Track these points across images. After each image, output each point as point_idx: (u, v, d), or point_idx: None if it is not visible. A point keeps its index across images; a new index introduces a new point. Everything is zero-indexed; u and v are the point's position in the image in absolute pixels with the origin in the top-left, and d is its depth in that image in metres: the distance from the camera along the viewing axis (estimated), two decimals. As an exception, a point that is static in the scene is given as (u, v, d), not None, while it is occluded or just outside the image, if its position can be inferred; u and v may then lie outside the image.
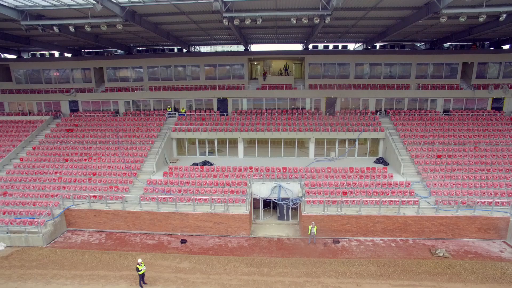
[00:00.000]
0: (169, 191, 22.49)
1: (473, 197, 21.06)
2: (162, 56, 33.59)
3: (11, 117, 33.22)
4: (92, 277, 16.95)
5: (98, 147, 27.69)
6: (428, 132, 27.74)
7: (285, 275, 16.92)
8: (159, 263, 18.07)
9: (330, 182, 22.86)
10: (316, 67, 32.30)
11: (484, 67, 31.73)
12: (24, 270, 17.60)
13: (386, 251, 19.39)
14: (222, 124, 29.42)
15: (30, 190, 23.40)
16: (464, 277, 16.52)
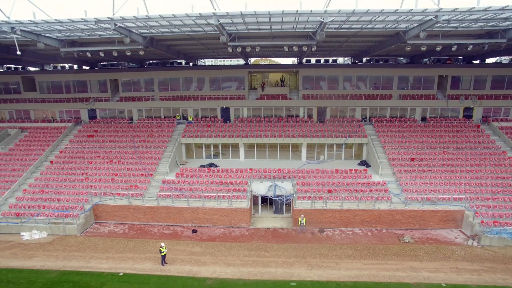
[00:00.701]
0: (182, 189, 26.51)
1: (437, 194, 25.06)
2: (171, 69, 37.58)
3: (37, 124, 37.18)
4: (122, 258, 20.95)
5: (117, 151, 31.69)
6: (405, 138, 31.76)
7: (278, 257, 20.92)
8: (175, 248, 22.03)
9: (318, 181, 26.90)
10: (309, 79, 36.32)
11: (457, 79, 35.79)
12: (67, 252, 21.61)
13: (363, 238, 23.41)
14: (225, 131, 33.43)
15: (62, 189, 27.40)
16: (421, 257, 20.54)
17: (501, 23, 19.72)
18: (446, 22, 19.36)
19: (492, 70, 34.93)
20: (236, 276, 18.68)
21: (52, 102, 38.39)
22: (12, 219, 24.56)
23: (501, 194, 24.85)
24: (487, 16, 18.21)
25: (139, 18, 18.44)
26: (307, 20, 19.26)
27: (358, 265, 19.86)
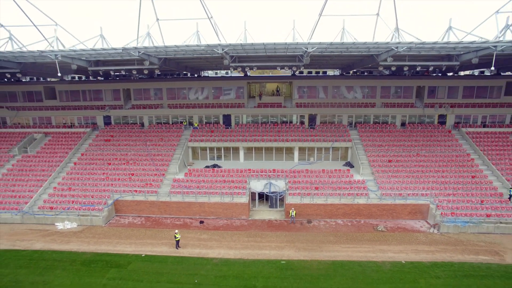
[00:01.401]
0: (190, 186, 30.83)
1: (407, 191, 29.41)
2: (178, 80, 41.87)
3: (59, 129, 41.39)
4: (142, 243, 25.25)
5: (132, 154, 35.98)
6: (385, 142, 36.11)
7: (272, 242, 25.25)
8: (185, 236, 26.31)
9: (307, 180, 31.25)
10: (302, 89, 40.66)
11: (433, 89, 40.15)
12: (96, 239, 25.91)
13: (343, 228, 27.76)
14: (227, 136, 37.75)
15: (87, 186, 31.69)
16: (390, 242, 24.90)
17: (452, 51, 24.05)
18: (408, 49, 23.71)
19: (463, 81, 39.32)
20: (237, 257, 23.00)
21: (71, 109, 42.66)
22: (47, 212, 28.87)
23: (460, 190, 29.21)
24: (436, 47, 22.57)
25: (158, 47, 22.76)
26: (295, 48, 23.61)
27: (337, 248, 24.21)
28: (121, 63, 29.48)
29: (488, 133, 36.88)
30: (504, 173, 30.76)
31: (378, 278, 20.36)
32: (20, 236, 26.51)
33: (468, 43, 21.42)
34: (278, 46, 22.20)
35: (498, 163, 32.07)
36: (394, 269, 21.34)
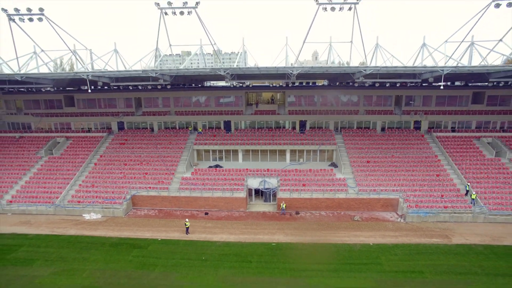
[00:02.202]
0: (196, 183, 35.99)
1: (381, 187, 34.60)
2: (184, 90, 46.97)
3: (78, 133, 46.50)
4: (157, 230, 30.39)
5: (145, 155, 41.11)
6: (365, 145, 41.27)
7: (265, 229, 30.40)
8: (193, 224, 31.40)
9: (296, 178, 36.42)
10: (293, 97, 45.77)
11: (410, 98, 45.28)
12: (119, 227, 31.06)
13: (326, 218, 32.93)
14: (227, 139, 42.89)
15: (107, 184, 36.82)
16: (362, 229, 30.08)
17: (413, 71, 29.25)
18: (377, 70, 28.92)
19: (436, 91, 44.42)
20: (236, 240, 28.15)
21: (88, 115, 47.79)
22: (75, 205, 34.03)
23: (425, 187, 34.40)
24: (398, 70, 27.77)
25: (172, 70, 27.94)
26: (283, 70, 28.79)
27: (318, 234, 29.39)
28: (139, 79, 34.56)
29: (455, 137, 42.06)
30: (464, 172, 35.98)
31: (349, 256, 25.54)
32: (56, 224, 31.67)
33: (422, 67, 26.61)
34: (270, 69, 27.41)
35: (460, 163, 37.28)
36: (363, 249, 26.53)
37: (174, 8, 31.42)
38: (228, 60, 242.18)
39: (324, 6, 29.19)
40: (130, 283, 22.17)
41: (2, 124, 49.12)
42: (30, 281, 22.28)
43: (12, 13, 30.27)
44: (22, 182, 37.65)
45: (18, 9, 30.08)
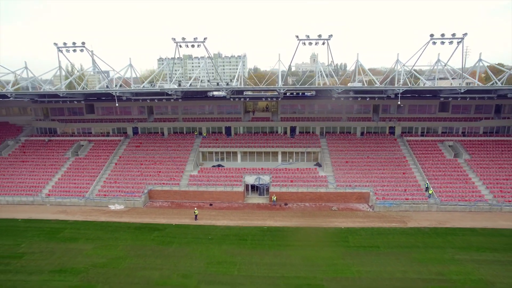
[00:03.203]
0: (202, 180, 42.92)
1: (355, 183, 41.52)
2: (191, 99, 53.85)
3: (98, 137, 53.38)
4: (171, 217, 37.27)
5: (157, 156, 48.00)
6: (346, 147, 48.18)
7: (259, 217, 37.30)
8: (200, 213, 38.22)
9: (285, 175, 43.36)
10: (285, 106, 52.65)
11: (387, 106, 52.18)
12: (139, 215, 37.96)
13: (309, 208, 39.86)
14: (228, 143, 49.81)
15: (127, 180, 43.70)
16: (337, 216, 37.00)
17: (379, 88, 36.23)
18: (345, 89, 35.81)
19: (408, 101, 51.32)
20: (235, 225, 35.04)
21: (106, 121, 54.71)
22: (102, 198, 40.96)
23: (392, 183, 41.34)
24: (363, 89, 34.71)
25: (184, 88, 34.83)
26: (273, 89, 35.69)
27: (301, 220, 36.33)
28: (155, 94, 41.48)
29: (423, 141, 49.00)
30: (426, 170, 42.94)
31: (324, 236, 32.46)
32: (88, 213, 38.61)
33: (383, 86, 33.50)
34: (262, 88, 34.31)
35: (424, 163, 44.24)
36: (335, 231, 33.44)
37: (187, 42, 38.41)
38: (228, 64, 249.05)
39: (303, 41, 36.33)
40: (154, 254, 29.08)
41: (31, 129, 56.05)
42: (79, 253, 29.20)
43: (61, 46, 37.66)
44: (56, 179, 44.57)
45: (66, 43, 37.30)
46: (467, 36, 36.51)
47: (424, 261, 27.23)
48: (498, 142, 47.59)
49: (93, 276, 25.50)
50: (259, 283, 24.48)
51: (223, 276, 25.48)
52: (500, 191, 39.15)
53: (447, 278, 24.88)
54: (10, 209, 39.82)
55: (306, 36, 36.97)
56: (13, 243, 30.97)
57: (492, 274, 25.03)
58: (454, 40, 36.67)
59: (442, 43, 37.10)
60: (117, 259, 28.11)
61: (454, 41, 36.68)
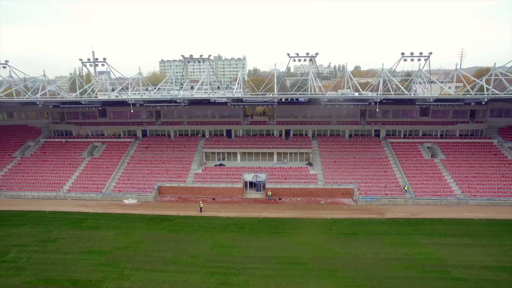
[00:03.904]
0: (206, 177, 47.90)
1: (342, 180, 46.49)
2: (195, 105, 58.75)
3: (110, 139, 58.27)
4: (179, 210, 42.23)
5: (165, 156, 52.93)
6: (335, 148, 53.16)
7: (256, 209, 42.25)
8: (204, 206, 43.15)
9: (280, 173, 48.34)
10: (280, 111, 57.62)
11: (373, 111, 57.12)
12: (151, 208, 42.91)
13: (300, 202, 44.84)
14: (229, 144, 54.75)
15: (139, 177, 48.64)
16: (325, 209, 41.99)
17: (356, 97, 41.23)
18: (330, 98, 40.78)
19: (392, 106, 56.26)
20: (235, 216, 39.98)
21: (118, 124, 59.64)
22: (117, 193, 45.91)
23: (374, 180, 46.32)
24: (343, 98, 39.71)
25: (191, 97, 39.78)
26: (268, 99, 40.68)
27: (293, 212, 41.30)
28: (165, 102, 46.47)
29: (405, 143, 53.99)
30: (405, 169, 47.95)
31: (311, 225, 37.41)
32: (105, 206, 43.55)
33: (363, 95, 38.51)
34: (258, 96, 39.29)
35: (404, 163, 49.23)
36: (322, 221, 38.41)
37: (194, 59, 43.53)
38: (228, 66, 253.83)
39: (293, 58, 41.60)
40: (166, 239, 34.03)
41: (49, 131, 60.97)
42: (102, 238, 34.15)
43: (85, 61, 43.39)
44: (75, 177, 49.51)
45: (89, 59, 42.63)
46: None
47: (394, 245, 32.24)
48: (471, 144, 52.60)
49: (117, 256, 30.47)
50: (255, 261, 29.47)
51: (225, 257, 30.47)
52: (468, 187, 44.19)
53: (410, 257, 29.90)
54: (37, 202, 44.76)
55: (296, 54, 42.15)
56: (46, 230, 35.93)
57: (447, 254, 30.07)
58: (422, 57, 41.90)
59: (412, 60, 42.24)
60: (135, 243, 33.06)
61: (422, 58, 42.05)
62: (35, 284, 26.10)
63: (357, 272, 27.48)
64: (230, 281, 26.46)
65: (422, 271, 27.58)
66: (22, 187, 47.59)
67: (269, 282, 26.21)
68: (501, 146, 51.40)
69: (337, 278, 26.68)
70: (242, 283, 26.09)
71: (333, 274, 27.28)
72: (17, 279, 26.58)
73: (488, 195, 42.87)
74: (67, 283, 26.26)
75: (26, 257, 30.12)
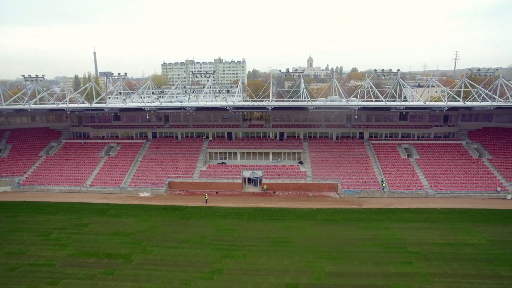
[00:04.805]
0: (210, 174, 54.45)
1: (328, 176, 53.07)
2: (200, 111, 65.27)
3: (124, 140, 64.73)
4: (187, 201, 48.75)
5: (174, 156, 59.43)
6: (323, 149, 59.73)
7: (253, 201, 48.75)
8: (209, 198, 49.63)
9: (274, 170, 54.91)
10: (276, 115, 64.15)
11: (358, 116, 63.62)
12: (163, 200, 49.42)
13: (291, 195, 51.40)
14: (230, 145, 61.29)
15: (151, 174, 55.16)
16: (312, 200, 48.54)
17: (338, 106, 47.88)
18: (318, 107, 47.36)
19: (375, 112, 62.86)
20: (235, 206, 46.48)
21: (130, 127, 66.17)
22: (133, 187, 52.45)
23: (356, 176, 52.89)
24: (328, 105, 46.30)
25: (198, 105, 46.34)
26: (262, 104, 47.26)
27: (285, 203, 47.84)
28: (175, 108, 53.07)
29: (385, 144, 60.57)
30: (383, 167, 54.54)
31: (300, 213, 43.89)
32: (124, 199, 50.07)
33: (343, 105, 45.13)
34: (255, 104, 45.87)
35: (383, 162, 55.83)
36: (308, 211, 44.94)
37: (201, 73, 50.32)
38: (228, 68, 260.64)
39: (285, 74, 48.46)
40: (178, 224, 40.54)
41: (68, 133, 67.48)
42: (125, 224, 40.66)
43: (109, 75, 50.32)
44: (95, 173, 56.02)
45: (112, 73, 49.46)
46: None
47: (366, 229, 38.80)
48: (443, 145, 59.23)
49: (139, 237, 36.98)
50: (251, 240, 36.03)
51: (227, 237, 37.01)
52: (436, 182, 50.82)
53: (378, 237, 36.46)
54: (64, 195, 51.28)
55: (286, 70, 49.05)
56: (77, 217, 42.45)
57: (408, 235, 36.65)
58: (391, 74, 48.68)
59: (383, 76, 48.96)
60: (152, 227, 39.59)
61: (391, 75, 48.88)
62: (77, 256, 32.61)
63: (333, 248, 34.06)
64: (232, 254, 32.99)
65: (385, 247, 34.17)
66: (50, 182, 54.12)
67: (263, 255, 32.76)
68: (468, 147, 58.06)
69: (317, 253, 33.20)
70: (241, 256, 32.63)
71: (314, 250, 33.81)
72: (63, 252, 33.13)
73: (452, 189, 49.52)
74: (103, 256, 32.78)
75: (66, 237, 36.68)
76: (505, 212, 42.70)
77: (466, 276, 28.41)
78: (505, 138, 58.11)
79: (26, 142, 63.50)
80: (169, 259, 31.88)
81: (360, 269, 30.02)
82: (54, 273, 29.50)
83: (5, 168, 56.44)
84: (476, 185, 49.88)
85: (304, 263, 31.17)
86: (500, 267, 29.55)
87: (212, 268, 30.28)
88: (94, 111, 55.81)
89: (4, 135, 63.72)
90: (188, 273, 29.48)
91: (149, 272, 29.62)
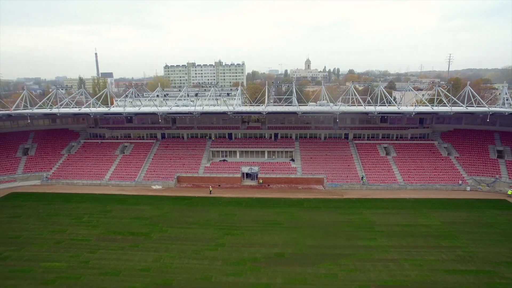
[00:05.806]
0: (213, 169, 61.60)
1: (315, 171, 60.23)
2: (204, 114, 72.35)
3: (136, 140, 71.81)
4: (194, 192, 55.83)
5: (181, 154, 66.51)
6: (312, 147, 66.85)
7: (250, 192, 55.83)
8: (212, 190, 56.72)
9: (269, 166, 62.06)
10: (271, 118, 71.24)
11: (343, 119, 70.85)
12: (173, 191, 56.54)
13: (284, 188, 58.51)
14: (230, 144, 68.38)
15: (162, 170, 62.22)
16: (301, 192, 55.66)
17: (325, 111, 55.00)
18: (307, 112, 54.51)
19: (359, 115, 69.93)
20: (235, 196, 53.57)
21: (142, 128, 73.25)
22: (147, 181, 59.56)
23: (340, 171, 60.04)
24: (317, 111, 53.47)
25: (203, 111, 53.48)
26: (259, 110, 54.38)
27: (277, 194, 54.98)
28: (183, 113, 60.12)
29: (367, 144, 67.73)
30: (364, 164, 61.72)
31: (290, 202, 51.02)
32: (139, 190, 57.18)
33: (327, 109, 52.26)
34: (252, 110, 53.02)
35: (364, 159, 63.00)
36: (298, 200, 52.08)
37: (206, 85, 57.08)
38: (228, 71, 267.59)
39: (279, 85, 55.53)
40: (187, 210, 47.64)
41: (85, 134, 74.53)
42: (142, 210, 47.77)
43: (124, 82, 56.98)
44: (112, 169, 63.10)
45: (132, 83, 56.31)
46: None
47: (344, 214, 45.97)
48: (418, 145, 66.44)
49: (155, 220, 44.11)
50: (248, 222, 43.17)
51: (228, 220, 44.14)
52: (408, 176, 58.06)
53: (352, 221, 43.63)
54: (87, 188, 58.41)
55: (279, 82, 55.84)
56: (101, 205, 49.55)
57: (377, 219, 43.82)
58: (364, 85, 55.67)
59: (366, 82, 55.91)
60: (166, 213, 46.73)
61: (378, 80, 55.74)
62: (107, 234, 39.75)
63: (314, 228, 41.24)
64: (232, 233, 40.15)
65: (357, 228, 41.36)
66: (74, 177, 61.21)
67: (257, 233, 39.92)
68: (439, 146, 65.30)
69: (301, 232, 40.32)
70: (240, 234, 39.79)
71: (299, 230, 40.95)
72: (95, 231, 40.28)
73: (422, 182, 56.76)
74: (127, 234, 39.92)
75: (95, 220, 43.82)
76: (461, 200, 49.98)
77: (416, 247, 35.64)
78: (472, 138, 65.34)
79: (49, 141, 70.54)
80: (182, 236, 39.08)
81: (334, 243, 37.24)
82: (91, 245, 36.66)
83: (34, 165, 63.54)
84: (442, 179, 57.14)
85: (290, 239, 38.35)
86: (443, 240, 36.84)
87: (216, 242, 37.46)
88: (113, 115, 62.79)
89: (29, 135, 70.76)
90: (198, 246, 36.64)
91: (167, 245, 36.77)
